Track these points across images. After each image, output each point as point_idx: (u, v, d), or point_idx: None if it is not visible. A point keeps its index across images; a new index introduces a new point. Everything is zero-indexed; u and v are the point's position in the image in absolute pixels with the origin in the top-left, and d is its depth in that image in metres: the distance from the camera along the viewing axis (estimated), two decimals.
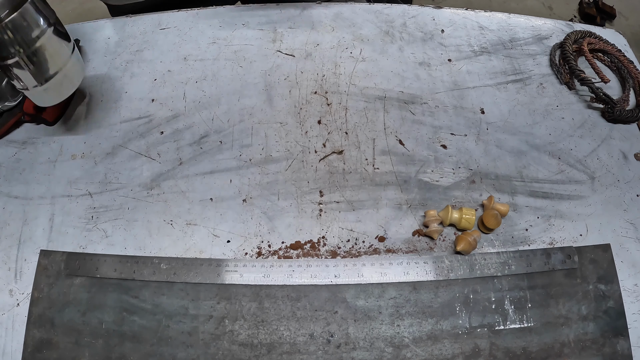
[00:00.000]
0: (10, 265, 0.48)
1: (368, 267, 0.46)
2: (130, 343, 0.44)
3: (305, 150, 0.54)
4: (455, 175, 0.53)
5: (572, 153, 0.55)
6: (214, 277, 0.46)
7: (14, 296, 0.46)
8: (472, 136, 0.56)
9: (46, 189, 0.52)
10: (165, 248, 0.48)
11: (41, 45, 0.44)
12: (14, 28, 0.41)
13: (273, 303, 0.45)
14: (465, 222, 0.47)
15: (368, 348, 0.43)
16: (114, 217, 0.50)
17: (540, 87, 0.61)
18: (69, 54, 0.47)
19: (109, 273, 0.46)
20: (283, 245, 0.48)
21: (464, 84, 0.60)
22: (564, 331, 0.45)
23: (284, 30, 0.65)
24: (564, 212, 0.51)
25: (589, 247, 0.48)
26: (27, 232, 0.49)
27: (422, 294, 0.46)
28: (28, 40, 0.43)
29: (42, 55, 0.44)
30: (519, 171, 0.53)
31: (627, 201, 0.52)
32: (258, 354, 0.43)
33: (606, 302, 0.46)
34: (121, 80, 0.61)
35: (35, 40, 0.43)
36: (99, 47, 0.64)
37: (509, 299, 0.46)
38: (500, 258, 0.47)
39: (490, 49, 0.64)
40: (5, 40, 0.41)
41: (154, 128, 0.56)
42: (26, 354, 0.44)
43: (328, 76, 0.60)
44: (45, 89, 0.46)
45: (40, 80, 0.45)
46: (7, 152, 0.55)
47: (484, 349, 0.44)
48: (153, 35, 0.65)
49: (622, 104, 0.57)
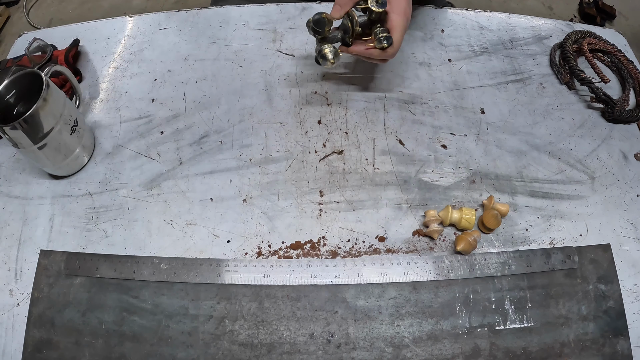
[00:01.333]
0: (10, 265, 0.48)
1: (368, 267, 0.46)
2: (130, 343, 0.44)
3: (305, 150, 0.54)
4: (455, 175, 0.53)
5: (572, 153, 0.55)
6: (214, 277, 0.46)
7: (14, 296, 0.46)
8: (472, 136, 0.56)
9: (46, 189, 0.52)
10: (165, 248, 0.48)
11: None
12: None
13: (273, 303, 0.45)
14: (466, 222, 0.47)
15: (368, 348, 0.43)
16: (114, 217, 0.50)
17: (540, 87, 0.61)
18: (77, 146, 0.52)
19: (109, 273, 0.46)
20: (283, 245, 0.48)
21: (464, 84, 0.60)
22: (564, 331, 0.45)
23: (284, 30, 0.65)
24: (564, 212, 0.51)
25: (589, 247, 0.48)
26: (27, 232, 0.49)
27: (422, 294, 0.46)
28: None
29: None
30: (519, 171, 0.53)
31: (627, 201, 0.52)
32: (258, 354, 0.43)
33: (606, 302, 0.46)
34: (121, 80, 0.61)
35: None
36: (99, 47, 0.64)
37: (509, 299, 0.46)
38: (500, 258, 0.47)
39: (490, 49, 0.64)
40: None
41: (154, 128, 0.56)
42: (26, 354, 0.44)
43: (328, 76, 0.60)
44: (59, 167, 0.52)
45: (50, 166, 0.51)
46: (7, 152, 0.55)
47: (484, 349, 0.44)
48: (153, 35, 0.65)
49: (622, 104, 0.57)
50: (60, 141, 0.48)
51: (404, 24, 0.49)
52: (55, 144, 0.48)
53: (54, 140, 0.48)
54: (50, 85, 0.46)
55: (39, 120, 0.45)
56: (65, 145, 0.49)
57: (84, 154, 0.53)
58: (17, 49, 0.65)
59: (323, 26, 0.47)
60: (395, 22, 0.49)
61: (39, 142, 0.46)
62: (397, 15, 0.49)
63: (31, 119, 0.44)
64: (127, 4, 1.87)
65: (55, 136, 0.47)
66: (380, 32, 0.49)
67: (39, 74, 0.46)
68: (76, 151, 0.51)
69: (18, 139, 0.46)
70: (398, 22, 0.49)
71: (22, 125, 0.44)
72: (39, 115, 0.45)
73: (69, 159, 0.51)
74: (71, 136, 0.50)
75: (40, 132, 0.46)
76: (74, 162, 0.52)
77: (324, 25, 0.47)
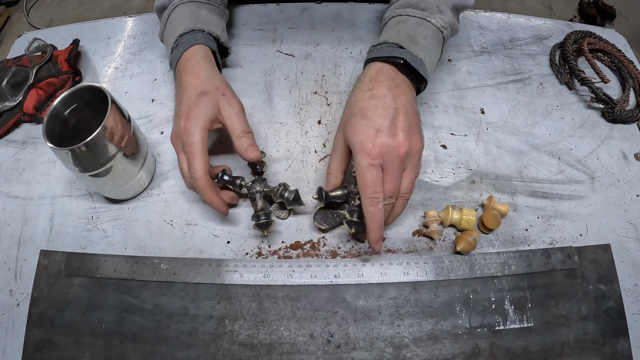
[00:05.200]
0: (10, 265, 0.48)
1: (368, 267, 0.46)
2: (130, 343, 0.44)
3: (306, 150, 0.54)
4: (455, 175, 0.53)
5: (572, 153, 0.55)
6: (214, 277, 0.46)
7: (14, 296, 0.46)
8: (472, 136, 0.56)
9: (46, 188, 0.52)
10: (165, 248, 0.48)
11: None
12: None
13: (273, 303, 0.45)
14: (466, 223, 0.47)
15: (368, 348, 0.43)
16: (114, 217, 0.50)
17: (541, 87, 0.61)
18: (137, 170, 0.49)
19: (109, 273, 0.46)
20: (283, 245, 0.48)
21: (464, 84, 0.60)
22: (564, 331, 0.45)
23: (284, 30, 0.65)
24: (564, 212, 0.51)
25: (589, 247, 0.48)
26: (27, 232, 0.50)
27: (422, 294, 0.46)
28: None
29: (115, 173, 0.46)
30: (519, 171, 0.53)
31: (627, 201, 0.52)
32: (258, 354, 0.43)
33: (606, 302, 0.46)
34: (121, 80, 0.61)
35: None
36: (98, 47, 0.64)
37: (509, 299, 0.46)
38: (500, 258, 0.47)
39: (490, 49, 0.64)
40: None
41: (154, 128, 0.56)
42: (26, 354, 0.44)
43: (328, 76, 0.60)
44: (124, 192, 0.50)
45: (114, 189, 0.49)
46: (7, 152, 0.55)
47: (484, 349, 0.44)
48: (153, 35, 0.65)
49: (622, 104, 0.57)
50: (122, 166, 0.45)
51: (370, 181, 0.39)
52: (118, 169, 0.45)
53: (117, 164, 0.45)
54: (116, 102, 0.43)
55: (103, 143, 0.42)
56: (126, 170, 0.46)
57: (145, 176, 0.50)
58: (17, 49, 0.65)
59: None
60: (358, 172, 0.40)
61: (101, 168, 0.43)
62: (361, 160, 0.40)
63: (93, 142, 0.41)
64: (126, 4, 1.87)
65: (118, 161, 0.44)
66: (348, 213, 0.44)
67: (101, 89, 0.43)
68: (138, 175, 0.49)
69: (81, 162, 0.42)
70: (360, 186, 0.40)
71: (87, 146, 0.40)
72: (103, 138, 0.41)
73: (130, 184, 0.48)
74: (131, 159, 0.46)
75: (103, 156, 0.43)
76: (135, 185, 0.50)
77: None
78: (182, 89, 0.46)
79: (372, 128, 0.40)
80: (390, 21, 0.50)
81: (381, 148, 0.39)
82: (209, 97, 0.45)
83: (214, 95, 0.45)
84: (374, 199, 0.39)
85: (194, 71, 0.47)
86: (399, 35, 0.46)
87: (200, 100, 0.44)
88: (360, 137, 0.40)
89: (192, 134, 0.43)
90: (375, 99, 0.42)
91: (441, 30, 0.49)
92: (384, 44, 0.46)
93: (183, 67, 0.48)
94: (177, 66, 0.49)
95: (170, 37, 0.51)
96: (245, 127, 0.45)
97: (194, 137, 0.42)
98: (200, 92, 0.45)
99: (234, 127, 0.45)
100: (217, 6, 0.56)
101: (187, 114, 0.44)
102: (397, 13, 0.50)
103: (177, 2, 0.53)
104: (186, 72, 0.47)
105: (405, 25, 0.48)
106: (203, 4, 0.54)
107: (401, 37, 0.46)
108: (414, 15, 0.48)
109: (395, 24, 0.49)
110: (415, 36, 0.46)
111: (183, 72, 0.47)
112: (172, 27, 0.52)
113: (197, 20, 0.51)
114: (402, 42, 0.45)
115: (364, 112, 0.41)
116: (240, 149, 0.45)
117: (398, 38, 0.46)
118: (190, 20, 0.51)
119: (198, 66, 0.47)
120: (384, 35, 0.48)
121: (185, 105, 0.44)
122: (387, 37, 0.47)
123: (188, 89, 0.46)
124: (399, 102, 0.42)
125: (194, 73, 0.47)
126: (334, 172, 0.45)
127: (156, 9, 0.57)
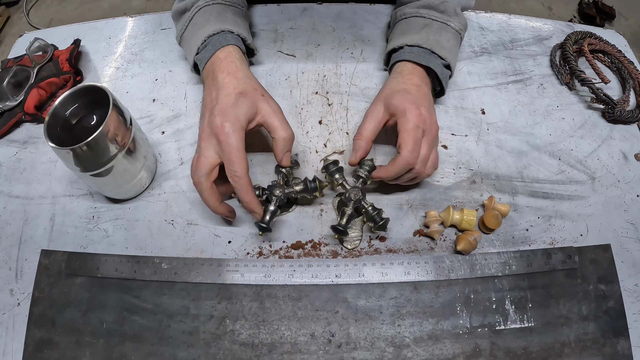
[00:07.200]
0: (11, 264, 0.48)
1: (369, 267, 0.46)
2: (131, 343, 0.44)
3: (306, 150, 0.54)
4: (456, 175, 0.53)
5: (573, 153, 0.55)
6: (215, 276, 0.46)
7: (14, 296, 0.46)
8: (472, 136, 0.56)
9: (47, 188, 0.52)
10: (166, 248, 0.48)
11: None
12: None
13: (274, 303, 0.45)
14: (467, 223, 0.47)
15: (369, 348, 0.43)
16: (115, 216, 0.50)
17: (541, 87, 0.61)
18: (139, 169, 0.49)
19: (110, 273, 0.46)
20: (284, 245, 0.48)
21: (465, 84, 0.60)
22: (565, 331, 0.45)
23: (285, 30, 0.65)
24: (564, 212, 0.51)
25: (589, 247, 0.49)
26: (28, 231, 0.49)
27: (423, 293, 0.46)
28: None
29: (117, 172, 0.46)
30: (519, 171, 0.53)
31: (627, 201, 0.52)
32: (259, 353, 0.43)
33: (606, 302, 0.46)
34: (122, 80, 0.61)
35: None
36: (99, 47, 0.64)
37: (509, 299, 0.46)
38: (501, 258, 0.47)
39: (490, 50, 0.64)
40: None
41: (155, 128, 0.56)
42: (27, 354, 0.44)
43: (329, 76, 0.60)
44: (125, 191, 0.50)
45: (116, 189, 0.49)
46: (8, 152, 0.55)
47: (484, 349, 0.44)
48: (154, 35, 0.65)
49: (622, 105, 0.57)
50: (123, 165, 0.45)
51: (413, 137, 0.44)
52: (119, 168, 0.45)
53: (119, 164, 0.44)
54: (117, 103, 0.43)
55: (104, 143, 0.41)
56: (126, 170, 0.46)
57: (145, 176, 0.50)
58: (18, 49, 0.65)
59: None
60: (402, 138, 0.45)
61: (102, 167, 0.43)
62: (405, 132, 0.45)
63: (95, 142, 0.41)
64: (126, 4, 1.87)
65: (118, 161, 0.44)
66: (371, 210, 0.45)
67: (102, 89, 0.43)
68: (139, 175, 0.49)
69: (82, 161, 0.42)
70: (404, 138, 0.45)
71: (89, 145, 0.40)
72: (105, 137, 0.41)
73: (131, 184, 0.48)
74: (131, 158, 0.46)
75: (105, 155, 0.43)
76: (136, 185, 0.50)
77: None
78: (217, 88, 0.46)
79: (417, 103, 0.46)
80: (412, 20, 0.53)
81: (425, 117, 0.46)
82: (249, 97, 0.45)
83: (253, 96, 0.45)
84: (415, 150, 0.44)
85: (230, 71, 0.47)
86: (429, 41, 0.51)
87: (240, 100, 0.44)
88: (409, 104, 0.46)
89: (231, 134, 0.43)
90: (416, 86, 0.49)
91: (459, 32, 0.54)
92: (417, 47, 0.51)
93: (218, 66, 0.48)
94: (209, 65, 0.49)
95: (195, 38, 0.52)
96: (287, 129, 0.46)
97: (233, 137, 0.43)
98: (240, 92, 0.45)
99: (275, 127, 0.45)
100: (241, 8, 0.56)
101: (224, 112, 0.44)
102: (419, 14, 0.53)
103: (202, 4, 0.53)
104: (222, 71, 0.47)
105: (431, 29, 0.52)
106: (228, 6, 0.54)
107: (431, 43, 0.51)
108: (435, 19, 0.52)
109: (422, 27, 0.52)
110: (442, 40, 0.52)
111: (218, 71, 0.47)
112: (197, 28, 0.52)
113: (225, 22, 0.52)
114: (433, 47, 0.51)
115: (408, 91, 0.48)
116: (279, 152, 0.46)
117: (429, 43, 0.51)
118: (217, 22, 0.51)
119: (235, 66, 0.48)
120: (413, 36, 0.52)
121: (223, 103, 0.44)
122: (418, 39, 0.51)
123: (225, 87, 0.46)
124: (429, 96, 0.50)
125: (230, 72, 0.47)
126: (365, 138, 0.47)
127: (175, 12, 0.57)
